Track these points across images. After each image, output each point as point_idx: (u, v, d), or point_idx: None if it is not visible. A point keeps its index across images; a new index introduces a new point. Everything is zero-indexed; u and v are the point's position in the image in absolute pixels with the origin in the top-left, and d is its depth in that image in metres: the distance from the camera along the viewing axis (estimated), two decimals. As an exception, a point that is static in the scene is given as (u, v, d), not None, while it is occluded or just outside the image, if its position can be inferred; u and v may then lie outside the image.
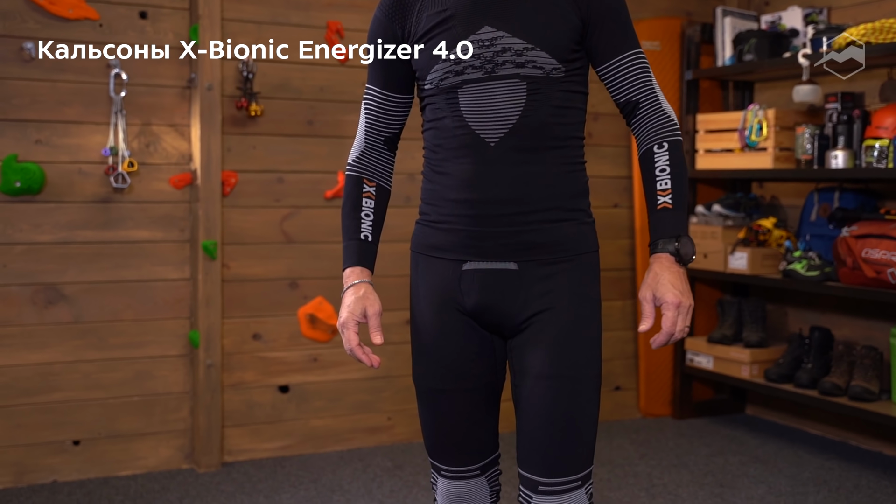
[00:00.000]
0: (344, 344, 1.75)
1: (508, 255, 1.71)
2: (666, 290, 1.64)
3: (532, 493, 1.69)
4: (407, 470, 3.41)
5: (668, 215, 1.67)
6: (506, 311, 1.72)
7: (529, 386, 1.69)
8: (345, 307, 1.74)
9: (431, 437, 1.80)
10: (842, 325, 3.79)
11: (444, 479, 1.82)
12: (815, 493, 3.20)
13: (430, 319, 1.76)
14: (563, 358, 1.68)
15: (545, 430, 1.67)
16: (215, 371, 3.40)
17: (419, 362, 1.79)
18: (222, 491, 3.18)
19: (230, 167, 3.43)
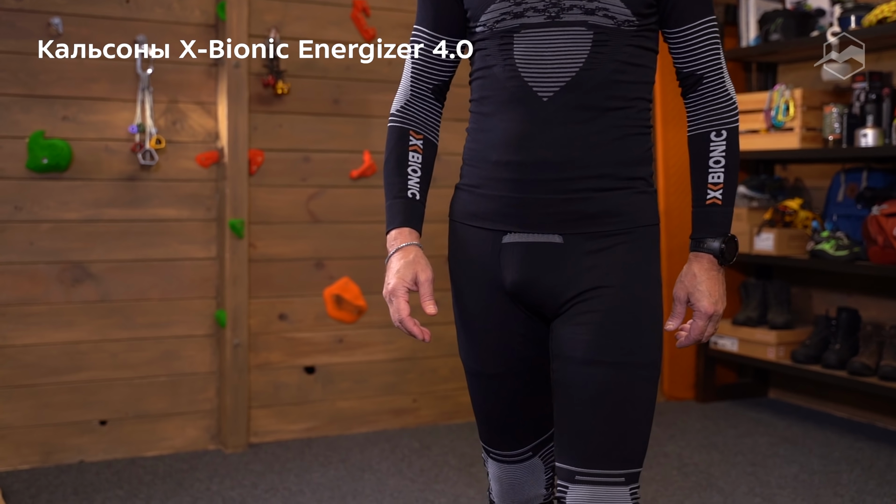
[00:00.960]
0: (392, 314, 1.56)
1: (553, 227, 1.52)
2: (702, 296, 1.53)
3: (568, 484, 1.50)
4: (435, 451, 3.39)
5: (716, 212, 1.54)
6: (548, 291, 1.54)
7: (573, 372, 1.50)
8: (392, 273, 1.56)
9: (480, 420, 1.69)
10: (869, 306, 3.77)
11: (494, 463, 1.71)
12: (847, 471, 3.19)
13: (471, 297, 1.61)
14: (613, 343, 1.49)
15: (587, 419, 1.49)
16: (242, 351, 3.37)
17: (463, 342, 1.65)
18: (251, 470, 3.15)
19: (256, 146, 3.40)
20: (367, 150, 3.57)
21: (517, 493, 1.71)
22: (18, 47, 3.10)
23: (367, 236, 3.60)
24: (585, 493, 1.48)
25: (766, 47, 3.85)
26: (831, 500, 2.90)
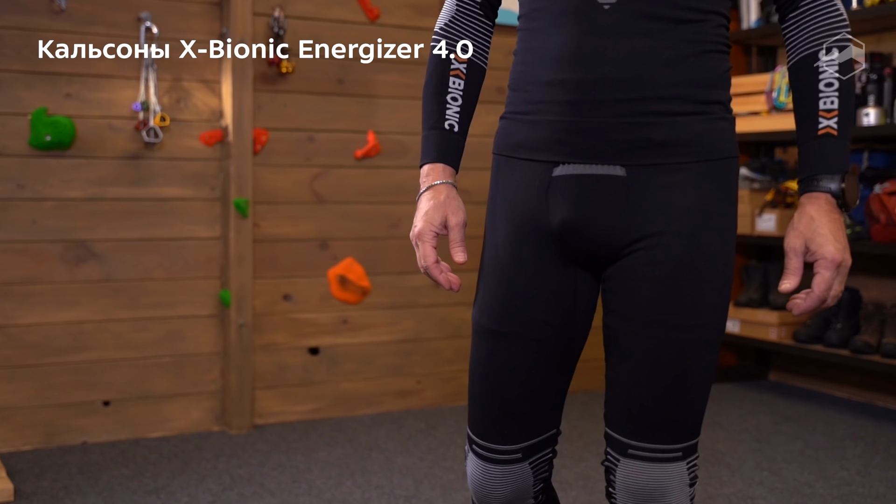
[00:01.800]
0: (418, 260, 1.41)
1: (614, 156, 1.29)
2: (825, 241, 1.27)
3: (619, 456, 1.35)
4: (441, 431, 3.38)
5: (831, 144, 1.29)
6: (605, 233, 1.32)
7: (629, 332, 1.32)
8: (420, 215, 1.40)
9: (476, 398, 1.42)
10: (870, 286, 3.79)
11: (473, 458, 1.42)
12: (852, 447, 3.20)
13: (503, 240, 1.39)
14: (680, 303, 1.30)
15: (643, 386, 1.31)
16: (247, 331, 3.35)
17: (482, 295, 1.42)
18: (258, 450, 3.14)
19: (261, 125, 3.39)
20: (371, 131, 3.56)
21: None
22: (21, 23, 3.07)
23: (372, 217, 3.59)
24: (639, 469, 1.33)
25: (767, 29, 3.86)
26: (837, 473, 2.92)
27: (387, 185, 3.60)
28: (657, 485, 1.32)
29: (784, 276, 1.30)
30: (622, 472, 1.34)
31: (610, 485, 1.38)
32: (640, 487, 1.33)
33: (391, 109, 3.59)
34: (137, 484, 2.79)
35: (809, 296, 1.29)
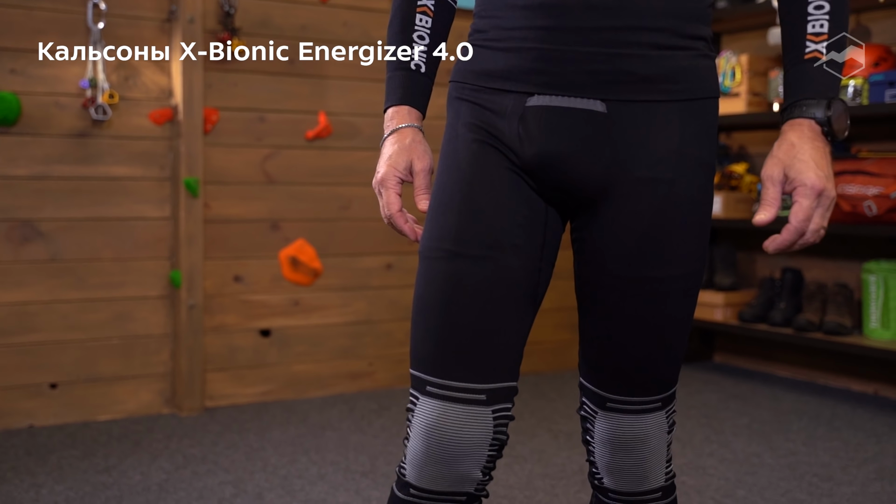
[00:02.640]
0: (381, 209, 1.32)
1: (594, 89, 1.19)
2: (805, 167, 1.15)
3: (597, 409, 1.31)
4: (394, 411, 3.38)
5: (818, 69, 1.19)
6: (583, 172, 1.21)
7: (608, 285, 1.24)
8: (384, 160, 1.30)
9: (427, 328, 1.22)
10: (811, 267, 3.89)
11: (427, 401, 1.21)
12: (797, 421, 3.28)
13: (468, 163, 1.25)
14: (661, 253, 1.22)
15: (623, 341, 1.26)
16: (197, 313, 3.32)
17: (438, 218, 1.25)
18: (209, 431, 3.11)
19: (211, 104, 3.35)
20: (322, 111, 3.55)
21: (447, 463, 1.20)
22: (-36, -3, 3.01)
23: (323, 198, 3.58)
24: (618, 422, 1.29)
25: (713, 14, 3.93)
26: (783, 444, 2.98)
27: (338, 167, 3.60)
28: (637, 436, 1.29)
29: (760, 207, 1.19)
30: (601, 424, 1.31)
31: (587, 433, 1.35)
32: (619, 439, 1.30)
33: (342, 90, 3.59)
34: (88, 464, 2.75)
35: (786, 228, 1.17)
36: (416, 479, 1.23)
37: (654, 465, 1.31)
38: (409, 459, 1.23)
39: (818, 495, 2.50)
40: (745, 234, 4.15)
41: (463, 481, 1.22)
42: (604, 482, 1.35)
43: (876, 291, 3.44)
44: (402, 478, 1.25)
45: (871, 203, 3.28)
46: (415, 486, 1.23)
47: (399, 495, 1.25)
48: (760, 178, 1.21)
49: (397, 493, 1.26)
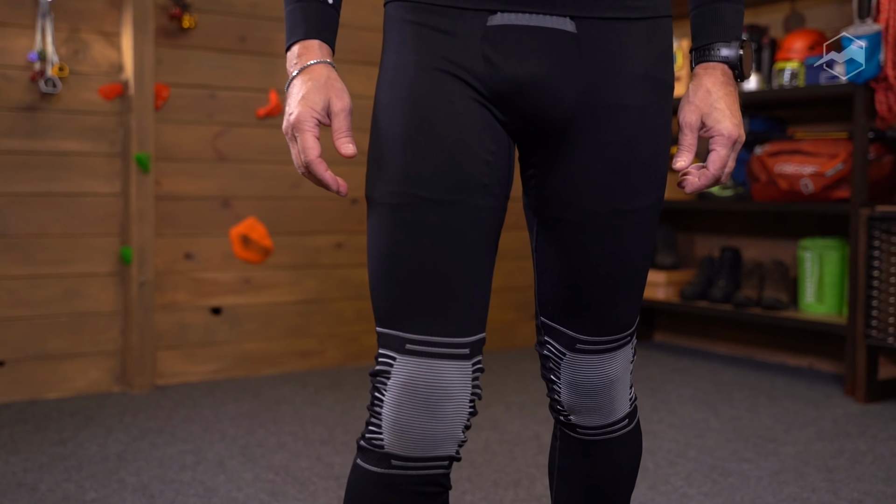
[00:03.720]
0: (295, 156, 1.12)
1: (563, 5, 1.12)
2: (722, 116, 1.16)
3: (565, 350, 1.25)
4: (346, 387, 3.40)
5: (728, 8, 1.19)
6: (552, 98, 1.14)
7: (575, 221, 1.19)
8: (295, 101, 1.11)
9: (400, 282, 1.12)
10: (749, 246, 4.02)
11: (407, 359, 1.11)
12: (738, 391, 3.39)
13: (426, 93, 1.13)
14: (631, 183, 1.18)
15: (591, 279, 1.21)
16: (148, 289, 3.30)
17: (390, 163, 1.13)
18: (163, 407, 3.09)
19: (162, 80, 3.34)
20: (273, 90, 3.56)
21: (435, 424, 1.11)
22: None
23: (274, 176, 3.58)
24: (587, 362, 1.25)
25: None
26: (728, 411, 3.09)
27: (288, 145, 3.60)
28: (606, 374, 1.26)
29: (678, 153, 1.17)
30: (569, 366, 1.26)
31: (551, 373, 1.29)
32: (589, 381, 1.26)
33: (293, 69, 3.59)
34: (42, 437, 2.72)
35: (703, 173, 1.18)
36: (400, 447, 1.11)
37: (622, 397, 1.30)
38: (389, 427, 1.11)
39: (764, 454, 2.60)
40: (685, 215, 4.27)
41: (448, 442, 1.12)
42: (571, 419, 1.32)
43: (811, 267, 3.58)
44: (377, 450, 1.12)
45: (807, 181, 3.42)
46: (397, 455, 1.11)
47: (376, 470, 1.12)
48: (678, 123, 1.20)
49: (372, 469, 1.13)
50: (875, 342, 3.14)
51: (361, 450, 1.15)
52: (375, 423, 1.12)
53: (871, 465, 2.50)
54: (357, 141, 3.71)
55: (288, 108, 1.12)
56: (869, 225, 3.13)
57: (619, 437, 1.32)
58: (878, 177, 3.34)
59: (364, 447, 1.14)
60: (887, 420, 2.97)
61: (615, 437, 1.32)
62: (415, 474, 1.12)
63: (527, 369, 3.73)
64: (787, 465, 2.51)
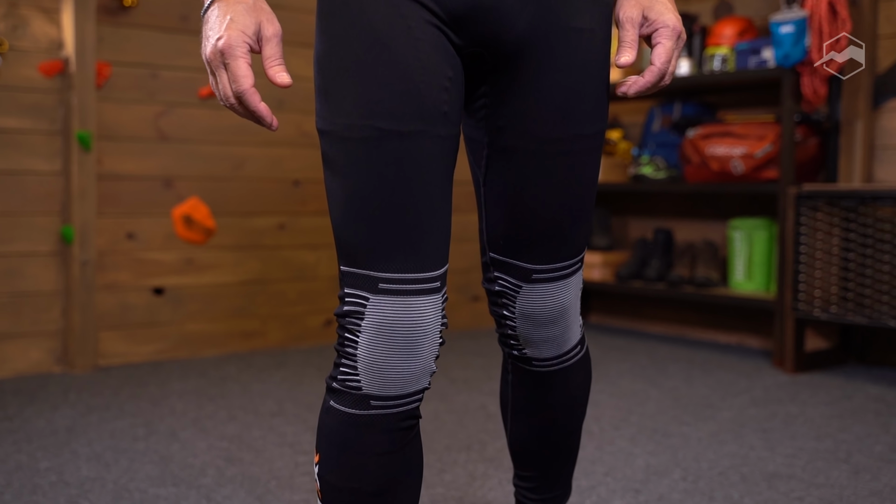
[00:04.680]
0: (222, 88, 1.05)
1: None
2: (665, 9, 1.15)
3: (521, 283, 1.25)
4: (291, 367, 3.42)
5: None
6: (510, 21, 1.12)
7: (529, 150, 1.18)
8: (222, 24, 1.03)
9: (371, 219, 1.08)
10: (681, 228, 4.15)
11: (382, 299, 1.09)
12: (673, 364, 3.51)
13: (378, 18, 1.08)
14: (584, 107, 1.17)
15: (548, 209, 1.21)
16: (90, 269, 3.27)
17: (351, 92, 1.08)
18: (108, 386, 3.07)
19: (103, 58, 3.31)
20: (215, 70, 3.55)
21: (413, 361, 1.11)
22: None
23: (216, 157, 3.58)
24: (544, 292, 1.26)
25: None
26: (665, 382, 3.20)
27: (231, 126, 3.61)
28: (562, 303, 1.27)
29: (620, 50, 1.14)
30: (525, 298, 1.25)
31: (504, 308, 1.28)
32: (545, 311, 1.26)
33: None
34: (-14, 414, 2.69)
35: (649, 70, 1.15)
36: (378, 387, 1.10)
37: (574, 325, 1.31)
38: (365, 369, 1.10)
39: (703, 418, 2.71)
40: (619, 199, 4.38)
41: (424, 376, 1.13)
42: (526, 353, 1.32)
43: (741, 247, 3.71)
44: (354, 392, 1.11)
45: (737, 162, 3.55)
46: (376, 395, 1.10)
47: (354, 412, 1.11)
48: (617, 19, 1.17)
49: (350, 411, 1.11)
50: (802, 315, 3.28)
51: (334, 391, 1.13)
52: (349, 365, 1.11)
53: (803, 426, 2.63)
54: (299, 123, 3.74)
55: (211, 33, 1.04)
56: (797, 202, 3.27)
57: (572, 364, 1.35)
58: (805, 158, 3.49)
59: (338, 389, 1.12)
60: (815, 388, 3.11)
61: (569, 365, 1.34)
62: (394, 412, 1.12)
63: (469, 349, 3.80)
64: (724, 427, 2.61)
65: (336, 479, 1.13)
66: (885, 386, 3.15)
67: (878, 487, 2.10)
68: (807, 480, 2.15)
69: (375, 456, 1.12)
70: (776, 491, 2.07)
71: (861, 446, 2.43)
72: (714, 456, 2.34)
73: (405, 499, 1.16)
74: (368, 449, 1.12)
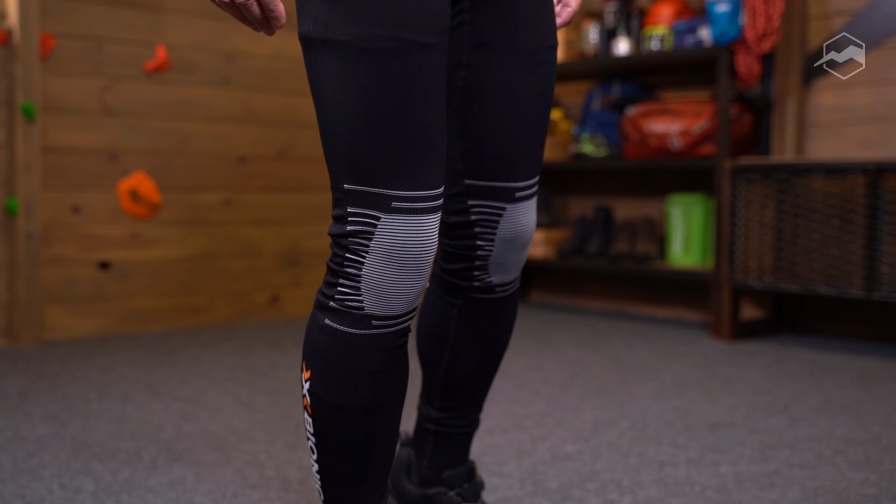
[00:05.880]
0: None
1: None
2: None
3: (506, 204, 1.26)
4: (238, 341, 3.43)
5: None
6: None
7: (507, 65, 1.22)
8: None
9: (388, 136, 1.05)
10: (620, 205, 4.26)
11: (394, 217, 1.08)
12: (615, 335, 3.61)
13: None
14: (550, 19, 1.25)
15: (524, 122, 1.24)
16: (35, 242, 3.25)
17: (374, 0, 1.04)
18: (56, 357, 3.05)
19: (48, 29, 3.29)
20: (161, 44, 3.55)
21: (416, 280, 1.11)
22: None
23: (162, 132, 3.58)
24: (523, 210, 1.30)
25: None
26: (607, 349, 3.29)
27: (177, 101, 3.61)
28: (532, 222, 1.33)
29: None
30: (509, 220, 1.27)
31: (478, 238, 1.30)
32: (525, 228, 1.30)
33: (181, 25, 3.60)
34: (-68, 382, 2.66)
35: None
36: (382, 308, 1.11)
37: None
38: (370, 289, 1.09)
39: (646, 379, 2.80)
40: (560, 177, 4.48)
41: (421, 293, 1.14)
42: (491, 280, 1.33)
43: (678, 222, 3.83)
44: (355, 312, 1.10)
45: (675, 139, 3.66)
46: (378, 315, 1.11)
47: (355, 331, 1.11)
48: None
49: (350, 331, 1.11)
50: (738, 284, 3.41)
51: (331, 311, 1.12)
52: (350, 286, 1.10)
53: (742, 384, 2.74)
54: (244, 99, 3.75)
55: None
56: (733, 175, 3.40)
57: (516, 291, 1.41)
58: (739, 135, 3.61)
59: (336, 308, 1.12)
60: (751, 353, 3.24)
61: (514, 291, 1.41)
62: (391, 331, 1.13)
63: (414, 322, 3.85)
64: (667, 385, 2.71)
65: (329, 395, 1.14)
66: (817, 351, 3.29)
67: (815, 433, 2.21)
68: (748, 428, 2.25)
69: (369, 373, 1.13)
70: (719, 437, 2.17)
71: (797, 400, 2.54)
72: (659, 409, 2.43)
73: (392, 415, 1.19)
74: (364, 367, 1.13)
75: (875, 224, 3.04)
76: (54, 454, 1.98)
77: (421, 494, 1.47)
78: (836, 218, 3.15)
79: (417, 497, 1.47)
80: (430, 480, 1.47)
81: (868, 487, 1.81)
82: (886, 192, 3.02)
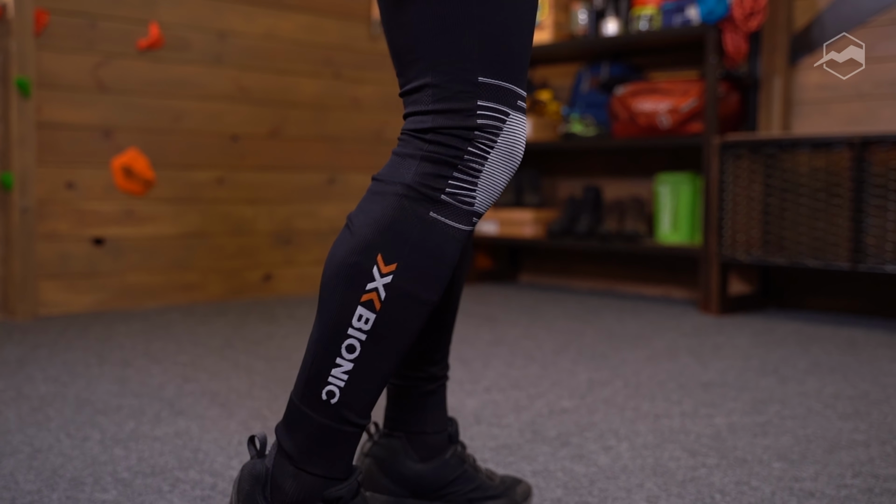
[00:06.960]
0: None
1: None
2: None
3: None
4: (232, 317, 3.46)
5: None
6: None
7: None
8: None
9: (523, 40, 1.13)
10: (609, 185, 4.31)
11: (517, 115, 1.13)
12: (605, 311, 3.66)
13: None
14: None
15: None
16: (31, 216, 3.26)
17: None
18: (51, 331, 3.07)
19: (42, 5, 3.30)
20: (154, 22, 3.57)
21: (510, 177, 1.17)
22: None
23: (156, 110, 3.60)
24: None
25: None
26: (598, 322, 3.34)
27: (171, 79, 3.63)
28: None
29: None
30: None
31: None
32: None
33: (174, 3, 3.62)
34: (-70, 351, 2.68)
35: None
36: (485, 205, 1.14)
37: None
38: (485, 186, 1.12)
39: (638, 347, 2.85)
40: (549, 157, 4.52)
41: None
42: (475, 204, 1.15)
43: (666, 200, 3.88)
44: (465, 207, 1.12)
45: (664, 117, 3.71)
46: (479, 213, 1.14)
47: (460, 227, 1.12)
48: None
49: (457, 226, 1.12)
50: (727, 259, 3.46)
51: (440, 203, 1.11)
52: (469, 181, 1.11)
53: (731, 351, 2.79)
54: (237, 78, 3.78)
55: None
56: (721, 151, 3.45)
57: None
58: (727, 113, 3.67)
59: (446, 202, 1.11)
60: (740, 325, 3.29)
61: None
62: (472, 229, 1.15)
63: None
64: (658, 352, 2.76)
65: (413, 288, 1.11)
66: (804, 323, 3.34)
67: (805, 390, 2.26)
68: (739, 386, 2.30)
69: (452, 269, 1.14)
70: (712, 394, 2.21)
71: (786, 363, 2.59)
72: (651, 371, 2.48)
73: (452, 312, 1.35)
74: (453, 262, 1.13)
75: (861, 197, 3.10)
76: (59, 409, 2.01)
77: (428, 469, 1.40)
78: (822, 192, 3.21)
79: (426, 472, 1.40)
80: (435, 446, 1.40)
81: (858, 434, 1.86)
82: (872, 166, 3.08)
